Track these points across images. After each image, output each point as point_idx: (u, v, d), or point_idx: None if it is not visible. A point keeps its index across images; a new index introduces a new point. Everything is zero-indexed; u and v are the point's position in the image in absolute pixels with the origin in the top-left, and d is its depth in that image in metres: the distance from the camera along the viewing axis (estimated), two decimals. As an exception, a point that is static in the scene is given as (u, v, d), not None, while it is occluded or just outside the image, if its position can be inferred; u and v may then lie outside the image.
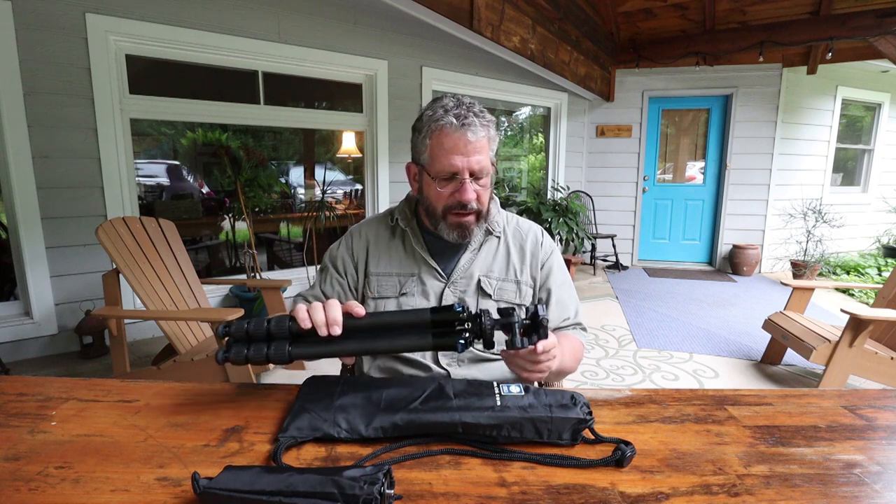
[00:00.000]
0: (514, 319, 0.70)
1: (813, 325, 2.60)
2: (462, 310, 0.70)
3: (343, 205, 5.33)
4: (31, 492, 0.56)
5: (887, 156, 6.07)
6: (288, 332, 0.71)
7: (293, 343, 0.72)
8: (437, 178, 0.95)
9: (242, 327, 0.72)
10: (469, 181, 0.93)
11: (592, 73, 5.11)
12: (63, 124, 2.73)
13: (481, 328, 0.70)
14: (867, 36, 4.15)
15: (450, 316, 0.71)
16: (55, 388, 0.83)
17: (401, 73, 4.00)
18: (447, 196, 0.95)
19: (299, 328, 0.70)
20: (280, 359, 0.71)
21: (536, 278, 1.08)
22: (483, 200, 0.98)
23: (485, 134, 0.93)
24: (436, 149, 0.93)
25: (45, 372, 2.65)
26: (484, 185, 0.97)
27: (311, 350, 0.72)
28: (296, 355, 0.71)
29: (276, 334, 0.71)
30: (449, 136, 0.92)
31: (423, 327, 0.72)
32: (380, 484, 0.51)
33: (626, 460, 0.62)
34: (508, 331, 0.71)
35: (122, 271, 2.14)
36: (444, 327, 0.71)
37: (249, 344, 0.72)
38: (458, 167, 0.92)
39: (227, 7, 3.16)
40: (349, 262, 1.07)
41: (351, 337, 0.72)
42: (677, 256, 5.85)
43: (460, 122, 0.91)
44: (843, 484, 0.59)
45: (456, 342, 0.69)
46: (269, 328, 0.71)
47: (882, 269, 5.33)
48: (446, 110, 0.93)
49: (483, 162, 0.94)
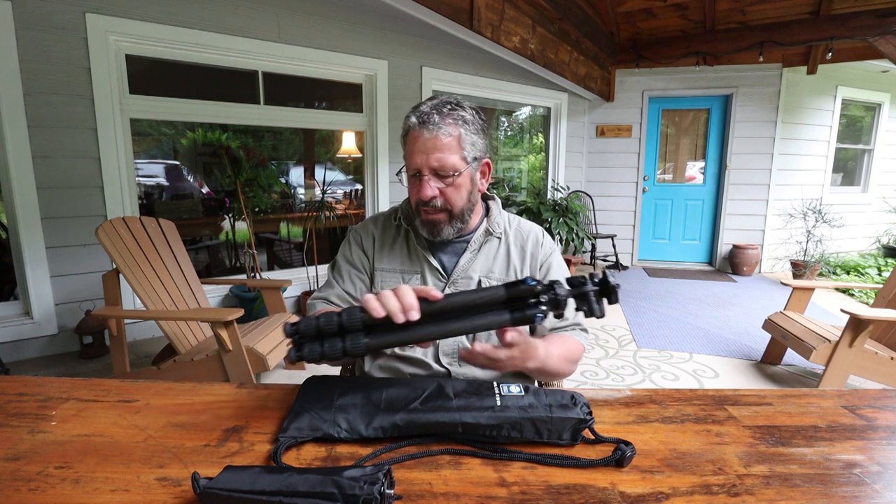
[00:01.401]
0: (587, 288, 0.70)
1: (813, 325, 2.60)
2: (536, 283, 0.70)
3: (343, 205, 5.33)
4: (31, 492, 0.56)
5: (887, 156, 6.07)
6: (361, 324, 0.69)
7: (368, 334, 0.69)
8: (407, 174, 1.00)
9: (312, 324, 0.69)
10: (428, 178, 0.95)
11: (592, 73, 5.11)
12: (63, 124, 2.73)
13: (556, 299, 0.69)
14: (867, 36, 4.15)
15: (525, 291, 0.70)
16: (55, 388, 0.83)
17: (401, 73, 4.00)
18: (414, 194, 1.00)
19: (372, 318, 0.68)
20: (357, 351, 0.68)
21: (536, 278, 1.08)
22: (451, 200, 0.97)
23: (450, 132, 0.94)
24: (408, 148, 0.98)
25: (45, 372, 2.65)
26: (450, 184, 0.96)
27: (389, 338, 0.70)
28: (373, 346, 0.69)
29: (349, 327, 0.69)
30: (412, 135, 0.96)
31: (499, 304, 0.71)
32: (380, 484, 0.51)
33: (626, 460, 0.62)
34: (583, 299, 0.70)
35: (122, 271, 2.14)
36: (518, 302, 0.71)
37: (322, 340, 0.69)
38: (417, 164, 0.95)
39: (227, 7, 3.16)
40: (363, 256, 1.09)
41: (426, 322, 0.70)
42: (677, 256, 5.85)
43: (419, 121, 0.94)
44: (843, 484, 0.59)
45: (534, 315, 0.69)
46: (340, 321, 0.69)
47: (882, 269, 5.33)
48: (414, 110, 0.97)
49: (444, 160, 0.94)
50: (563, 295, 0.69)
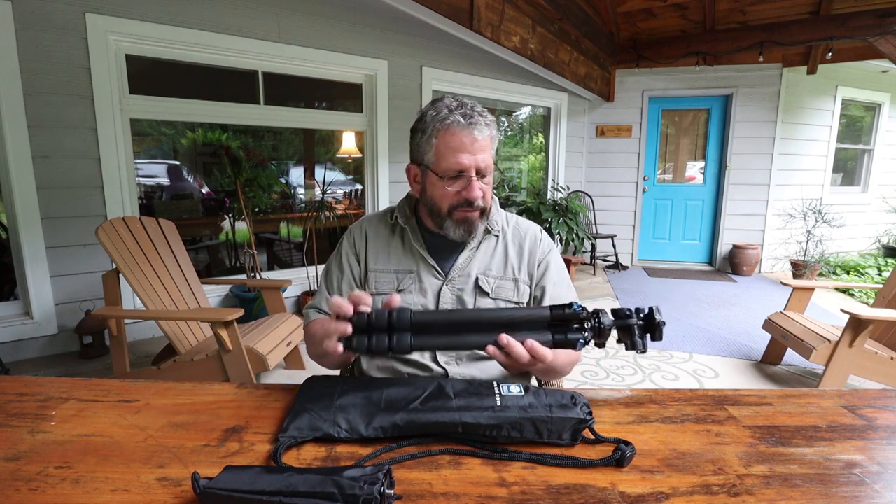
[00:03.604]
0: (632, 322, 0.72)
1: (813, 325, 2.60)
2: (582, 309, 0.73)
3: (343, 205, 5.33)
4: (31, 492, 0.56)
5: (887, 156, 6.07)
6: (409, 324, 0.72)
7: (416, 334, 0.72)
8: (445, 176, 0.96)
9: (364, 318, 0.72)
10: (475, 178, 0.95)
11: (592, 73, 5.11)
12: (63, 124, 2.73)
13: (600, 327, 0.72)
14: (867, 36, 4.15)
15: (570, 315, 0.73)
16: (55, 388, 0.83)
17: (401, 73, 4.00)
18: (453, 194, 0.97)
19: (419, 318, 0.73)
20: (402, 349, 0.72)
21: (533, 276, 1.08)
22: (487, 198, 0.99)
23: (488, 133, 0.96)
24: (442, 148, 0.95)
25: (45, 372, 2.65)
26: (488, 183, 0.99)
27: (434, 341, 0.74)
28: (417, 346, 0.72)
29: (397, 326, 0.72)
30: (455, 135, 0.93)
31: (543, 324, 0.74)
32: (380, 484, 0.51)
33: (626, 460, 0.62)
34: (627, 332, 0.73)
35: (122, 271, 2.14)
36: (561, 325, 0.74)
37: (371, 335, 0.72)
38: (465, 165, 0.94)
39: (227, 7, 3.16)
40: (353, 258, 1.09)
41: (473, 330, 0.74)
42: (677, 256, 5.85)
43: (467, 121, 0.93)
44: (843, 484, 0.59)
45: (576, 341, 0.72)
46: (390, 320, 0.72)
47: (882, 269, 5.33)
48: (451, 110, 0.94)
49: (488, 160, 0.96)
50: (608, 325, 0.72)
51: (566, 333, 0.73)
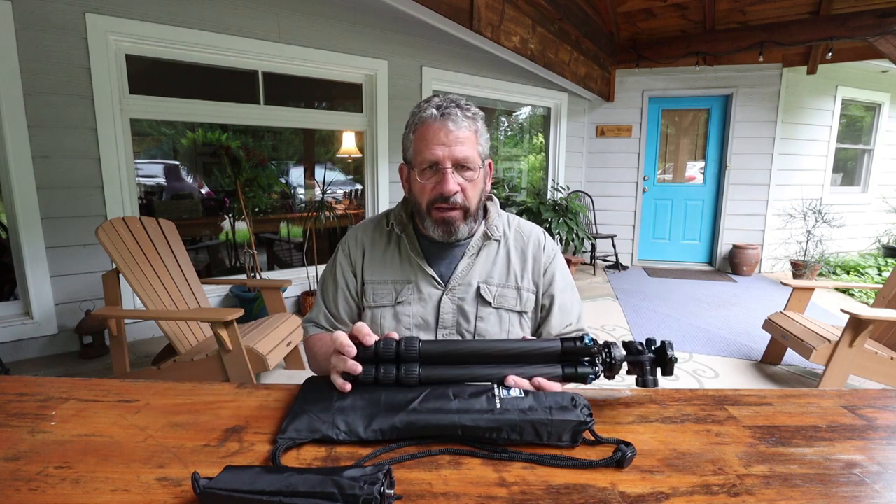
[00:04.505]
0: (643, 357, 0.72)
1: (813, 325, 2.60)
2: (593, 343, 0.72)
3: (343, 205, 5.33)
4: (31, 492, 0.56)
5: (887, 156, 6.07)
6: (417, 355, 0.72)
7: (423, 365, 0.73)
8: (419, 168, 0.94)
9: (370, 351, 0.72)
10: (451, 171, 0.92)
11: (592, 73, 5.11)
12: (63, 124, 2.73)
13: (611, 362, 0.72)
14: (867, 36, 4.15)
15: (581, 349, 0.73)
16: (55, 388, 0.83)
17: (401, 73, 4.00)
18: (430, 189, 0.94)
19: (427, 349, 0.72)
20: (410, 381, 0.72)
21: (539, 284, 1.04)
22: (469, 196, 0.95)
23: (469, 126, 0.93)
24: (419, 142, 0.94)
25: (45, 372, 2.66)
26: (470, 179, 0.95)
27: (442, 373, 0.73)
28: (424, 378, 0.72)
29: (405, 356, 0.72)
30: (430, 127, 0.92)
31: (553, 357, 0.74)
32: (380, 484, 0.51)
33: (626, 461, 0.62)
34: (638, 367, 0.73)
35: (122, 271, 2.14)
36: (572, 358, 0.74)
37: (378, 365, 0.72)
38: (438, 156, 0.91)
39: (227, 7, 3.16)
40: (349, 271, 1.05)
41: (481, 362, 0.74)
42: (677, 256, 5.85)
43: (440, 113, 0.92)
44: (843, 484, 0.59)
45: (587, 376, 0.72)
46: (398, 350, 0.72)
47: (882, 269, 5.33)
48: (429, 104, 0.94)
49: (467, 153, 0.93)
50: (619, 359, 0.72)
51: (577, 367, 0.73)
